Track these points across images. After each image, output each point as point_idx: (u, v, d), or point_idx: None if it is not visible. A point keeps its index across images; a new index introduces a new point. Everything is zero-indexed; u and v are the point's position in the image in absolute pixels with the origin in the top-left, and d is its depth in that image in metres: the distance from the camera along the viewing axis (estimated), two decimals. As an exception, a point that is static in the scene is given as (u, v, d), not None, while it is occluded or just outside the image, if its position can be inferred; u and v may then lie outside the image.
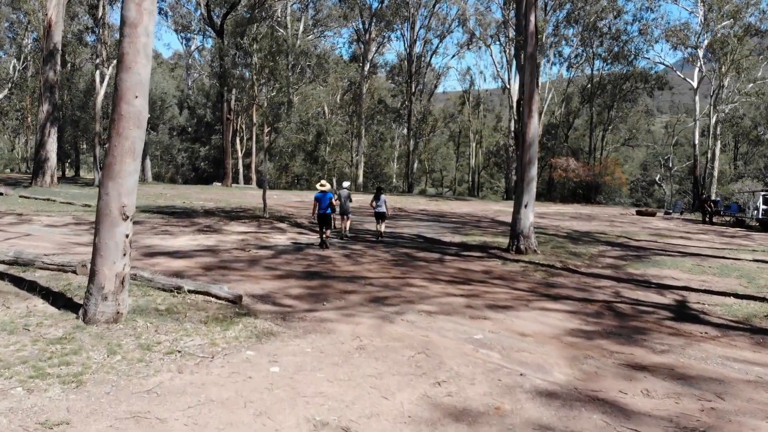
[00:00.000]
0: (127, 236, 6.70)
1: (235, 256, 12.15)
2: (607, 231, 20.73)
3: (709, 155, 39.40)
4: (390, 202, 31.00)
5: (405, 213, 25.62)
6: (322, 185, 14.53)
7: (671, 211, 30.62)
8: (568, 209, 33.56)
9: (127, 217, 6.68)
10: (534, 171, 14.32)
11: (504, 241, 16.45)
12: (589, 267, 12.82)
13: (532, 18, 14.01)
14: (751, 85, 38.78)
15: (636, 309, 8.86)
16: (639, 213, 31.04)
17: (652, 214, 30.52)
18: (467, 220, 23.28)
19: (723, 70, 36.74)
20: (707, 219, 26.58)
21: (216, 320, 6.95)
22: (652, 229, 22.20)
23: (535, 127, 14.26)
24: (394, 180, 72.06)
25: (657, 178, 52.88)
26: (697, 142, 39.72)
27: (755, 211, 24.58)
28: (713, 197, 28.22)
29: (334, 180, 65.58)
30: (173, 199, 26.99)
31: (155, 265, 10.41)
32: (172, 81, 65.27)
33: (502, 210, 29.50)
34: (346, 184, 17.53)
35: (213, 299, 7.91)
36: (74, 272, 8.84)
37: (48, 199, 22.58)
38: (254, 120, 50.24)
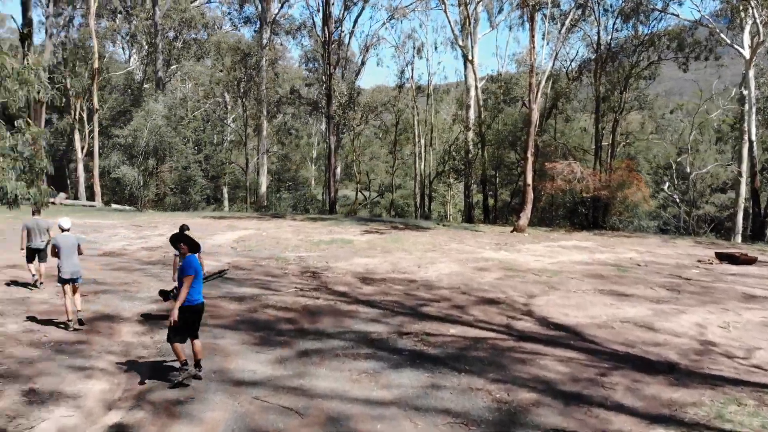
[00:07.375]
0: None
1: None
2: None
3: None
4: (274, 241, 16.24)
5: (331, 305, 10.86)
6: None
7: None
8: (596, 249, 20.04)
9: None
10: None
11: None
12: None
13: None
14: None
15: None
16: (724, 258, 17.76)
17: (751, 262, 17.47)
18: (522, 353, 8.86)
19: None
20: None
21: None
22: None
23: None
24: (313, 186, 56.30)
25: (665, 187, 40.48)
26: (754, 138, 27.48)
27: None
28: None
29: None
30: None
31: None
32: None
33: (515, 269, 15.24)
34: None
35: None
36: None
37: None
38: (95, 104, 33.65)
